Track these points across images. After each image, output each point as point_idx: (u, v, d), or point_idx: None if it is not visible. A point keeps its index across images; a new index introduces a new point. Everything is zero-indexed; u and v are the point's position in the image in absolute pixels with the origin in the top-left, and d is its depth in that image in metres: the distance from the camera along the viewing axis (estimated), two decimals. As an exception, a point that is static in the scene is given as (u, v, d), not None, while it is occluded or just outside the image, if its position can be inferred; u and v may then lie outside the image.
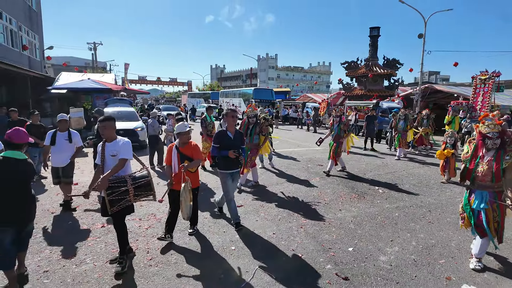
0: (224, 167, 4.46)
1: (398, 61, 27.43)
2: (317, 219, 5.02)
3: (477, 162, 3.50)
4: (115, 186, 3.21)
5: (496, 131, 3.36)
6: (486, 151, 3.49)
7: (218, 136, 4.46)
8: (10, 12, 16.95)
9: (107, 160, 3.44)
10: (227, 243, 4.12)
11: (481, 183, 3.51)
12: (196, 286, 3.15)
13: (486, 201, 3.46)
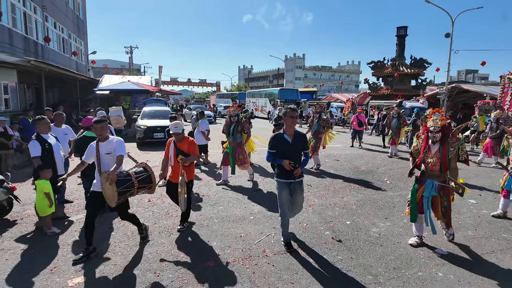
0: (280, 175, 3.85)
1: (426, 60, 27.14)
2: (325, 201, 5.89)
3: (425, 154, 3.96)
4: (122, 180, 3.48)
5: (438, 125, 3.83)
6: (432, 144, 3.96)
7: (274, 140, 3.85)
8: (62, 22, 19.11)
9: (102, 158, 3.65)
10: (247, 215, 5.11)
11: (431, 173, 3.95)
12: (223, 241, 4.16)
13: (435, 189, 3.90)
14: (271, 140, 3.87)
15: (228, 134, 6.88)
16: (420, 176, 4.07)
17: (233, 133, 6.80)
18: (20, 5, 13.51)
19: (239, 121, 6.91)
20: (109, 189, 3.39)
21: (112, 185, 3.33)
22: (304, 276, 3.36)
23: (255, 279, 3.28)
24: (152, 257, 3.70)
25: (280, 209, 3.94)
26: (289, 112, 3.80)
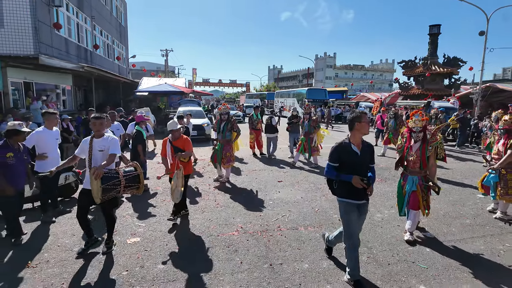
0: (347, 194, 3.19)
1: (460, 59, 26.32)
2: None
3: (407, 152, 4.26)
4: (109, 177, 3.47)
5: (420, 126, 4.14)
6: (413, 143, 4.23)
7: (338, 151, 3.18)
8: (107, 29, 21.04)
9: (94, 155, 3.66)
10: (267, 200, 5.93)
11: (412, 169, 4.25)
12: (245, 218, 5.01)
13: (416, 184, 4.22)
14: (334, 151, 3.18)
15: (219, 131, 7.07)
16: (403, 172, 4.42)
17: (223, 131, 7.02)
18: (74, 17, 15.30)
19: (229, 119, 7.13)
20: (95, 184, 3.40)
21: (97, 180, 3.34)
22: (309, 245, 4.12)
23: (270, 245, 4.10)
24: (191, 227, 4.64)
25: (349, 240, 3.19)
26: (360, 117, 3.12)
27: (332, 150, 3.23)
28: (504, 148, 4.96)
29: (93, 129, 3.76)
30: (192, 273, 3.42)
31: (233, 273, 3.44)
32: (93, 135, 3.74)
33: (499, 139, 5.28)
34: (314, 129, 8.85)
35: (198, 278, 3.33)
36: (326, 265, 3.64)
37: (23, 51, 11.29)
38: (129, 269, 3.48)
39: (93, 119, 3.73)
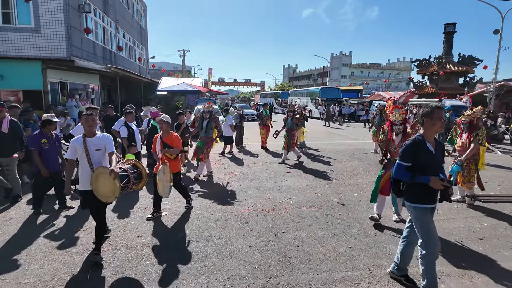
0: (421, 198, 2.96)
1: (476, 58, 26.15)
2: (341, 181, 7.22)
3: (389, 145, 4.59)
4: (122, 175, 3.45)
5: (400, 119, 4.53)
6: (395, 135, 4.58)
7: (411, 149, 2.93)
8: (129, 32, 22.27)
9: (92, 154, 3.52)
10: (276, 187, 6.67)
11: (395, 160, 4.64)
12: (256, 200, 5.77)
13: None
14: (408, 148, 2.93)
15: (201, 129, 7.20)
16: (387, 163, 4.67)
17: (206, 129, 7.17)
18: (100, 21, 16.48)
19: (212, 117, 7.29)
20: (111, 184, 3.31)
21: (116, 179, 3.29)
22: (309, 220, 4.85)
23: (275, 219, 4.85)
24: (210, 205, 5.45)
25: (430, 248, 2.89)
26: (436, 112, 2.90)
27: (406, 148, 2.95)
28: (468, 141, 5.45)
29: (85, 126, 3.56)
30: (210, 236, 4.22)
31: (244, 237, 4.22)
32: (84, 134, 3.57)
33: (462, 132, 5.75)
34: (297, 126, 9.18)
35: (215, 240, 4.12)
36: (322, 234, 4.35)
37: (57, 53, 12.46)
38: (159, 234, 4.32)
39: (86, 116, 3.56)
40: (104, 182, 3.34)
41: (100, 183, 3.37)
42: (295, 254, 3.80)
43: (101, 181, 3.36)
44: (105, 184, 3.35)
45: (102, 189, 3.37)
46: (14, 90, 10.06)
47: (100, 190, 3.38)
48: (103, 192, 3.38)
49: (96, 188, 3.38)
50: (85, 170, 3.52)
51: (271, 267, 3.50)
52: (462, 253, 3.93)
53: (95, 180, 3.38)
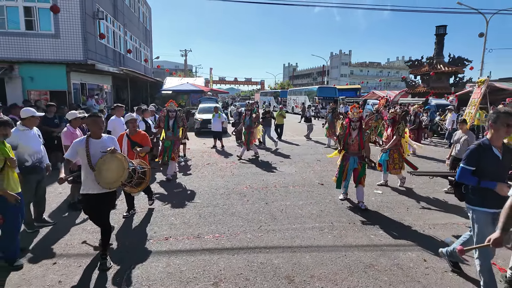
0: (484, 202, 2.91)
1: (465, 59, 27.42)
2: (326, 168, 8.56)
3: (347, 138, 5.49)
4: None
5: (357, 117, 5.44)
6: (352, 130, 5.49)
7: (477, 153, 2.90)
8: (136, 34, 23.60)
9: (94, 157, 3.38)
10: (269, 173, 8.03)
11: (353, 151, 5.50)
12: (252, 181, 7.12)
13: (356, 162, 5.47)
14: (473, 153, 2.90)
15: (168, 128, 7.17)
16: (345, 154, 5.63)
17: (173, 128, 7.17)
18: (111, 26, 17.81)
19: (178, 116, 7.29)
20: (118, 166, 3.32)
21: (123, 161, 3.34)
22: (293, 194, 6.22)
23: (267, 194, 6.22)
24: (215, 185, 6.82)
25: (484, 260, 2.85)
26: (502, 117, 2.82)
27: (470, 152, 2.92)
28: (391, 134, 6.67)
29: (92, 128, 3.47)
30: (217, 204, 5.59)
31: (242, 204, 5.59)
32: (88, 135, 3.47)
33: (387, 127, 6.97)
34: (255, 124, 9.82)
35: (221, 206, 5.49)
36: (301, 203, 5.72)
37: (74, 56, 13.79)
38: (173, 207, 5.69)
39: (94, 117, 3.48)
40: (110, 167, 3.31)
41: (105, 170, 3.31)
42: (279, 214, 5.17)
43: (106, 167, 3.31)
44: (111, 168, 3.31)
45: (108, 175, 3.30)
46: (42, 91, 11.42)
47: (105, 176, 3.29)
48: (110, 178, 3.30)
49: (101, 177, 3.28)
50: (87, 171, 3.39)
51: (261, 221, 4.87)
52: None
53: (100, 168, 3.30)
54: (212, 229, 4.56)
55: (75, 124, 5.20)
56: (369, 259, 3.77)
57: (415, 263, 3.71)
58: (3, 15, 13.27)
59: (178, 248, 4.01)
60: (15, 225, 3.58)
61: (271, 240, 4.26)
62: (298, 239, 4.29)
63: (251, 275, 3.40)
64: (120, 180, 3.34)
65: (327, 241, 4.25)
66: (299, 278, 3.36)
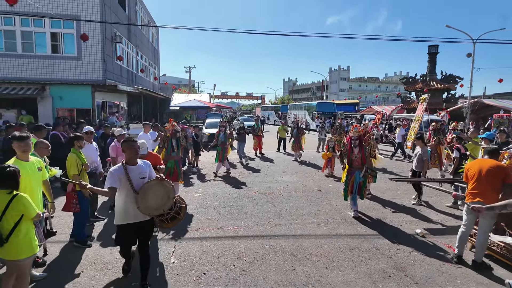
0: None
1: (457, 76, 28.95)
2: (322, 177, 9.71)
3: (351, 155, 6.03)
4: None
5: (356, 136, 5.99)
6: (354, 147, 6.04)
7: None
8: (146, 54, 25.19)
9: (136, 183, 3.33)
10: (273, 181, 9.18)
11: (357, 166, 6.05)
12: (259, 187, 8.27)
13: (360, 176, 5.99)
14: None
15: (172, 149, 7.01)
16: (349, 169, 6.18)
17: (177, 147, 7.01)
18: (125, 48, 19.33)
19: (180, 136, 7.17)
20: (163, 189, 3.34)
21: (167, 182, 3.34)
22: (295, 198, 7.35)
23: (273, 197, 7.37)
24: (229, 190, 7.97)
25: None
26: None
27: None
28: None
29: (129, 154, 3.39)
30: (232, 205, 6.74)
31: (253, 206, 6.74)
32: (124, 162, 3.40)
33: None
34: (228, 140, 10.26)
35: (235, 207, 6.63)
36: (302, 205, 6.86)
37: (95, 77, 15.16)
38: (197, 207, 6.84)
39: (131, 143, 3.40)
40: (156, 193, 3.32)
41: (149, 195, 3.30)
42: (284, 213, 6.32)
43: (151, 192, 3.31)
44: (156, 195, 3.32)
45: (152, 201, 3.30)
46: (69, 108, 12.72)
47: (149, 202, 3.27)
48: (153, 204, 3.29)
49: (144, 201, 3.25)
50: (127, 198, 3.33)
51: (270, 218, 6.02)
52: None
53: (145, 192, 3.29)
54: (231, 223, 5.71)
55: (120, 139, 6.35)
56: (355, 244, 4.91)
57: (390, 246, 4.85)
58: (31, 39, 14.75)
59: (206, 235, 5.15)
60: (85, 214, 4.74)
61: (279, 231, 5.40)
62: (300, 230, 5.44)
63: (265, 253, 4.54)
64: (162, 208, 3.34)
65: (322, 232, 5.39)
66: (301, 255, 4.50)
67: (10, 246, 3.01)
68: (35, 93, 12.14)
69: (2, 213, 2.98)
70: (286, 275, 3.96)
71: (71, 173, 4.49)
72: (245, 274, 3.97)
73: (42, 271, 3.94)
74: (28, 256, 3.10)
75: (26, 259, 3.10)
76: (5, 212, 2.97)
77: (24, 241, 3.05)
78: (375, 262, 4.34)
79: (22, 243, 3.05)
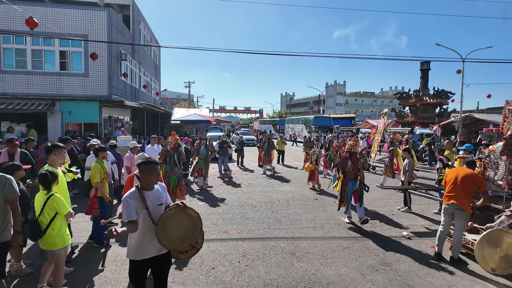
0: None
1: (449, 91, 30.00)
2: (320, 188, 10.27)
3: (345, 166, 6.47)
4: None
5: (348, 149, 6.55)
6: (348, 159, 6.51)
7: None
8: (148, 70, 26.04)
9: (154, 211, 2.81)
10: (273, 191, 9.72)
11: (350, 177, 6.44)
12: (260, 196, 8.81)
13: (354, 186, 6.37)
14: None
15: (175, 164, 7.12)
16: (343, 180, 6.56)
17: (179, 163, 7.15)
18: (129, 65, 20.13)
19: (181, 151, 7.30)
20: (187, 217, 2.83)
21: (190, 210, 2.86)
22: (293, 206, 7.89)
23: (273, 206, 7.90)
24: (232, 200, 8.51)
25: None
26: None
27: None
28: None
29: (149, 177, 2.84)
30: (234, 212, 7.26)
31: (254, 212, 7.27)
32: (139, 187, 2.85)
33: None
34: (210, 153, 9.99)
35: (238, 214, 7.15)
36: (300, 211, 7.40)
37: (101, 92, 15.84)
38: (201, 214, 7.36)
39: (152, 165, 2.85)
40: (179, 223, 2.80)
41: (172, 226, 2.78)
42: (283, 219, 6.85)
43: (173, 222, 2.79)
44: (180, 225, 2.80)
45: (176, 233, 2.79)
46: (77, 123, 13.32)
47: (172, 235, 2.77)
48: (177, 238, 2.79)
49: (165, 234, 2.74)
50: (145, 230, 2.79)
51: (270, 223, 6.54)
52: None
53: (166, 223, 2.77)
54: (234, 227, 6.23)
55: (134, 151, 6.98)
56: (347, 244, 5.45)
57: (379, 246, 5.39)
58: (41, 57, 15.49)
59: (213, 238, 5.67)
60: (105, 218, 5.26)
61: (278, 233, 5.93)
62: (297, 233, 5.97)
63: (266, 252, 5.07)
64: (189, 242, 2.83)
65: (318, 234, 5.93)
66: (298, 253, 5.02)
67: (47, 238, 3.60)
68: (46, 108, 12.77)
69: (41, 210, 3.57)
70: (285, 269, 4.49)
71: (95, 180, 5.04)
72: (249, 269, 4.49)
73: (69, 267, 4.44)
74: (62, 247, 3.68)
75: (61, 249, 3.68)
76: (43, 209, 3.57)
77: (58, 234, 3.65)
78: (364, 259, 4.88)
79: (57, 235, 3.64)
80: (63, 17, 15.09)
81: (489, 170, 5.07)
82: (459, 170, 5.03)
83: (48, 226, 3.60)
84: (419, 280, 4.25)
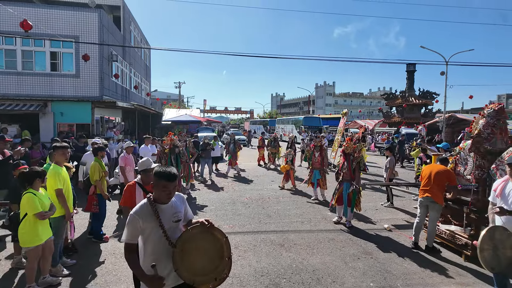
0: None
1: (434, 92, 30.95)
2: (307, 185, 10.68)
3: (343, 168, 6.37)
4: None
5: (346, 150, 6.52)
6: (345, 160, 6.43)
7: None
8: (138, 71, 26.09)
9: (170, 229, 2.24)
10: (263, 188, 10.08)
11: (346, 178, 6.37)
12: (251, 194, 9.15)
13: (349, 187, 6.33)
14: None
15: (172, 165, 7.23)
16: (340, 181, 6.51)
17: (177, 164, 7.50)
18: (120, 66, 20.21)
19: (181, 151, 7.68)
20: (217, 251, 2.22)
21: (217, 232, 2.27)
22: (283, 202, 8.27)
23: (263, 202, 8.26)
24: (225, 198, 8.82)
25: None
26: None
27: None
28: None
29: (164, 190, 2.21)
30: (226, 209, 7.59)
31: (245, 209, 7.62)
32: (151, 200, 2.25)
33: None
34: (191, 156, 9.78)
35: (229, 210, 7.48)
36: (289, 207, 7.78)
37: (92, 93, 15.91)
38: (194, 211, 7.66)
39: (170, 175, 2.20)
40: (201, 247, 2.21)
41: (193, 256, 2.18)
42: (273, 214, 7.22)
43: (195, 250, 2.19)
44: (204, 249, 2.22)
45: (198, 261, 2.18)
46: (69, 123, 13.41)
47: (192, 262, 2.16)
48: (199, 268, 2.17)
49: (185, 261, 2.14)
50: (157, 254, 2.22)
51: (260, 218, 6.90)
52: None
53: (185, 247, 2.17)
54: (227, 222, 6.57)
55: (129, 150, 7.21)
56: (332, 236, 5.85)
57: (362, 237, 5.80)
58: (31, 58, 15.49)
59: (206, 232, 5.98)
60: (103, 214, 5.53)
61: (268, 227, 6.29)
62: (286, 227, 6.35)
63: (257, 244, 5.42)
64: (213, 275, 2.18)
65: (305, 227, 6.32)
66: (287, 245, 5.39)
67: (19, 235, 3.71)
68: (38, 109, 12.82)
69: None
70: (275, 259, 4.85)
71: (94, 178, 5.30)
72: (241, 259, 4.83)
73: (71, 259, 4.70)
74: (29, 246, 3.66)
75: (29, 248, 3.67)
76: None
77: (27, 233, 3.65)
78: (347, 249, 5.28)
79: (26, 234, 3.65)
80: (54, 18, 15.12)
81: (460, 166, 5.52)
82: (433, 166, 5.48)
83: (19, 223, 3.67)
84: (396, 266, 4.66)
